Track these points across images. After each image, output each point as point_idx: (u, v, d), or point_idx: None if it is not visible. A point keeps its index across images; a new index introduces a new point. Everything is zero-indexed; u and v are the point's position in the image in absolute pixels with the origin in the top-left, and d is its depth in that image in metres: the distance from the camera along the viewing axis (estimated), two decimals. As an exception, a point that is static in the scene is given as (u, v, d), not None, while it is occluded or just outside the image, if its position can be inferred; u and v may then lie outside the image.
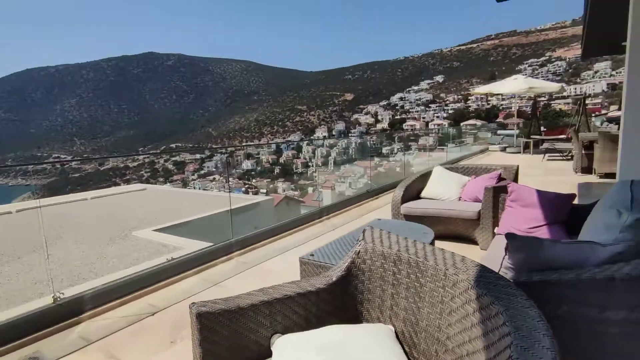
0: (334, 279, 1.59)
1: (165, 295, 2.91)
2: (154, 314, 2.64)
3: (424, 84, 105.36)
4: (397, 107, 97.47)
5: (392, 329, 1.47)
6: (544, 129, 14.44)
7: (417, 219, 3.92)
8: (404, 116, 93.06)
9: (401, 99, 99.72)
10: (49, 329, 2.43)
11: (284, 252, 3.78)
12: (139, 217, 7.48)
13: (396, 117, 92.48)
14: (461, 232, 3.78)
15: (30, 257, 5.16)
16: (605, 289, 1.35)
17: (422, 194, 4.31)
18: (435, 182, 4.31)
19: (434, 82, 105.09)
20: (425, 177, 4.41)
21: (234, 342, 1.38)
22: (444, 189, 4.20)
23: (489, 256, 2.30)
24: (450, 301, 1.25)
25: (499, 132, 18.97)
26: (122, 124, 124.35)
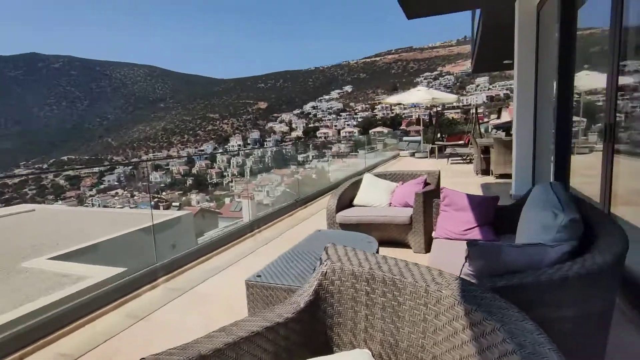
0: (302, 305, 1.45)
1: (80, 339, 2.44)
2: (67, 365, 2.19)
3: (335, 94, 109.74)
4: (310, 116, 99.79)
5: (369, 353, 1.38)
6: (444, 136, 15.99)
7: (353, 227, 3.95)
8: (317, 124, 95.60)
9: (314, 108, 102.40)
10: None
11: (218, 273, 3.48)
12: (31, 244, 6.34)
13: (310, 126, 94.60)
14: (395, 237, 3.90)
15: None
16: (560, 288, 1.44)
17: (355, 202, 4.35)
18: (366, 190, 4.40)
19: (344, 92, 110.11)
20: (356, 184, 4.47)
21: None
22: (375, 195, 4.31)
23: (437, 261, 2.37)
24: (434, 319, 1.21)
25: (405, 138, 20.50)
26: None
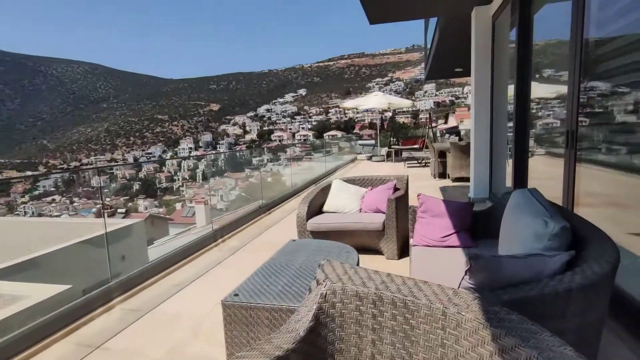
0: (302, 333, 1.30)
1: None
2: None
3: (289, 97, 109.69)
4: (264, 119, 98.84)
5: (377, 382, 1.26)
6: (400, 140, 16.44)
7: (324, 235, 3.83)
8: (271, 127, 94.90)
9: (268, 111, 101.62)
10: None
11: (183, 288, 3.19)
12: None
13: (264, 128, 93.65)
14: (367, 244, 3.83)
15: None
16: (565, 300, 1.41)
17: (324, 208, 4.25)
18: (335, 195, 4.30)
19: (298, 95, 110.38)
20: (325, 190, 4.36)
21: None
22: (345, 201, 4.22)
23: (420, 272, 2.31)
24: (454, 344, 1.12)
25: (359, 142, 20.85)
26: None
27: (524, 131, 4.55)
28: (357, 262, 2.60)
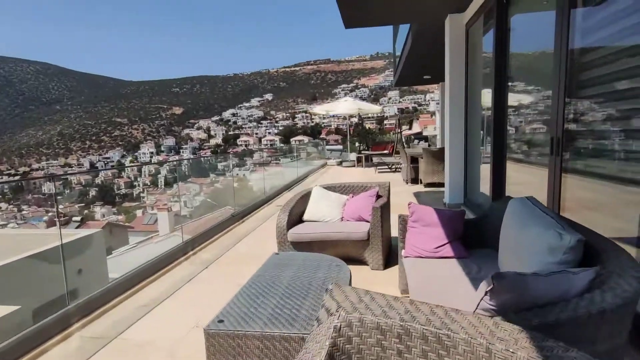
0: (316, 376, 1.08)
1: None
2: None
3: (255, 101, 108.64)
4: (229, 123, 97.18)
5: None
6: (368, 145, 16.52)
7: (306, 245, 3.63)
8: (237, 132, 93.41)
9: (233, 115, 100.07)
10: None
11: (152, 309, 2.85)
12: None
13: (230, 133, 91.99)
14: (351, 254, 3.65)
15: None
16: (597, 322, 1.29)
17: (305, 217, 4.04)
18: (316, 203, 4.11)
19: (264, 100, 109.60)
20: (305, 198, 4.16)
21: None
22: (326, 210, 4.04)
23: (419, 288, 2.16)
24: (504, 388, 0.95)
25: (328, 147, 20.80)
26: None
27: (501, 138, 4.57)
28: (350, 277, 2.41)
